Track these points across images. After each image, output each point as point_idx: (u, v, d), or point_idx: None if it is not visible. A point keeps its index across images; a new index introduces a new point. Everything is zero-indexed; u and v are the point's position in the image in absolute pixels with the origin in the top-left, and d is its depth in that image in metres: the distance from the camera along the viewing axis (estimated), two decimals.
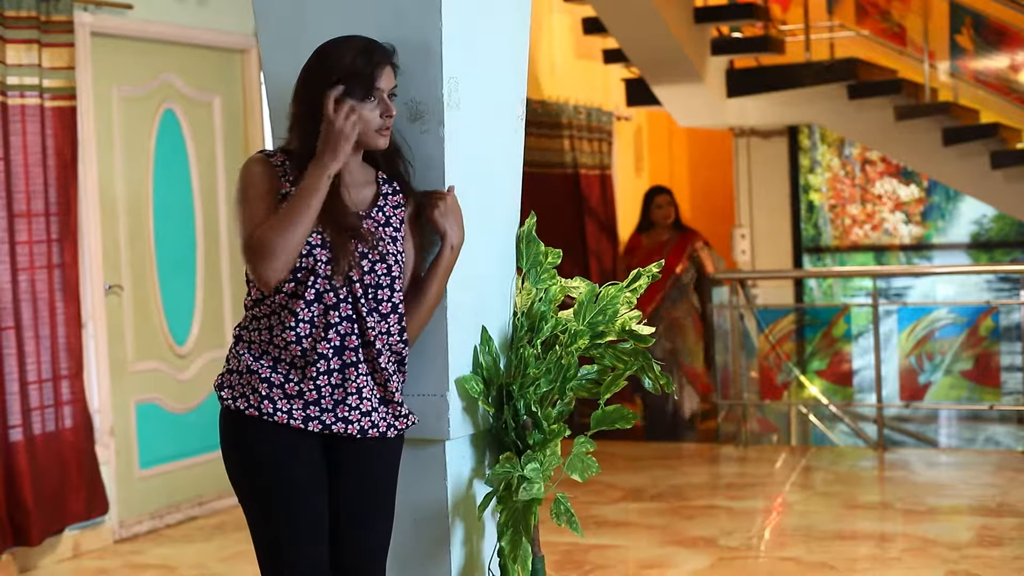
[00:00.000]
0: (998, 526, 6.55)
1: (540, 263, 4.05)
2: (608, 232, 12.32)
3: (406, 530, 3.81)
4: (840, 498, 7.40)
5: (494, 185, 4.00)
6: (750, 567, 6.04)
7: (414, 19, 3.70)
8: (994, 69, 10.80)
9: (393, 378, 3.56)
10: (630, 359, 3.99)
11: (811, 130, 12.32)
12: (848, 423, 10.27)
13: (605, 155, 12.36)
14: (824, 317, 9.94)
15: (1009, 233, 11.90)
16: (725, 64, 10.55)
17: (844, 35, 10.99)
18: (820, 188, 12.46)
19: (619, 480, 7.94)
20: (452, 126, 3.74)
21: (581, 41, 11.54)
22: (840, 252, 12.44)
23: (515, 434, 3.84)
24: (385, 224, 3.56)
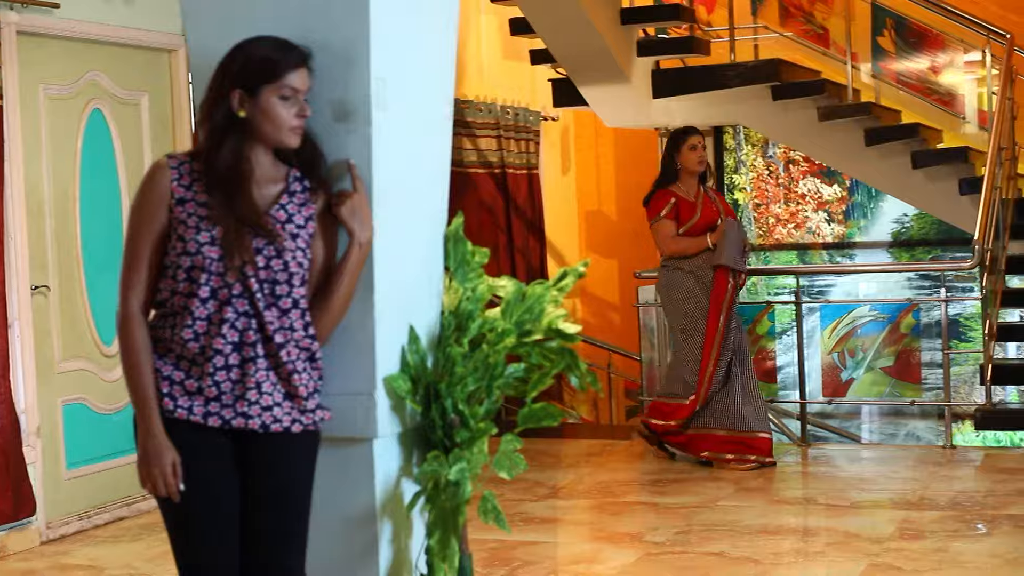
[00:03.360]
0: (919, 519, 6.65)
1: (467, 262, 4.08)
2: (535, 231, 12.38)
3: (333, 530, 3.82)
4: (764, 493, 7.48)
5: (421, 185, 4.02)
6: (676, 562, 6.10)
7: (341, 19, 3.72)
8: (915, 70, 10.94)
9: (298, 374, 3.57)
10: (557, 357, 4.03)
11: (736, 130, 12.43)
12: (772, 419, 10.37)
13: (532, 155, 12.41)
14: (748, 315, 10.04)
15: (929, 232, 12.06)
16: (651, 65, 10.62)
17: (768, 37, 11.09)
18: (745, 187, 12.58)
19: (546, 477, 7.99)
20: (379, 126, 3.76)
21: (508, 42, 11.58)
22: (764, 251, 12.57)
23: (443, 432, 3.87)
24: (287, 221, 3.58)
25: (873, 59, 10.92)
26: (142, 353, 3.53)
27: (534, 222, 12.39)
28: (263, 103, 3.54)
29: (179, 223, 3.52)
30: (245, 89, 3.54)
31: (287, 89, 3.55)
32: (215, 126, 3.55)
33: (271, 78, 3.54)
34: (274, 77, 3.54)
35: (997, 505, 6.86)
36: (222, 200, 3.51)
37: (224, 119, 3.54)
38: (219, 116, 3.55)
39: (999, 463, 7.99)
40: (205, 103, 3.60)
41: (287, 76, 3.55)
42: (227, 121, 3.54)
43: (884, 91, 10.90)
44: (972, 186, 9.68)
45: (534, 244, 12.38)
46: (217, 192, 3.52)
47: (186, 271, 3.51)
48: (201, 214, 3.52)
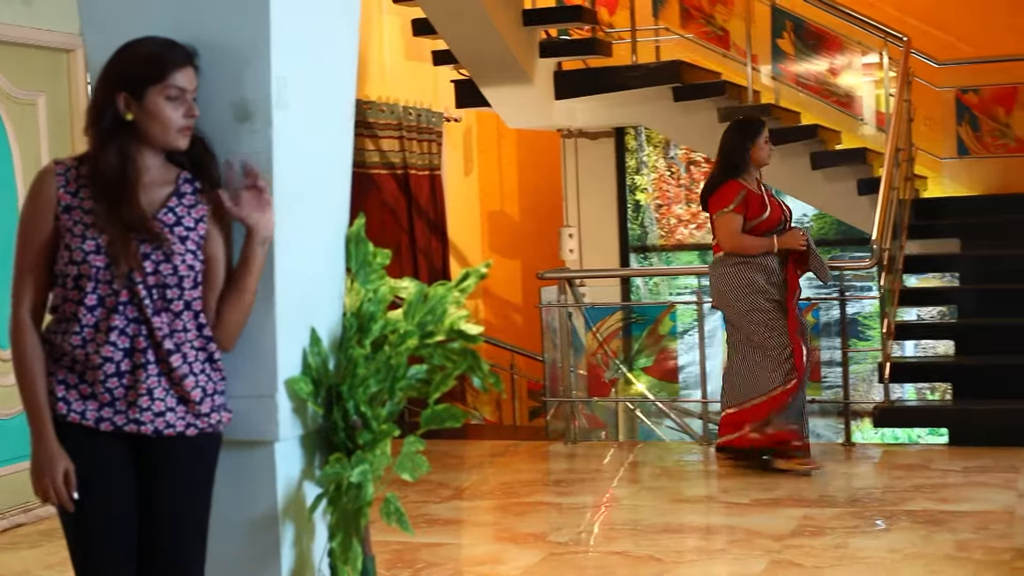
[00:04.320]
0: (819, 516, 6.71)
1: (369, 263, 4.07)
2: (438, 232, 12.37)
3: (235, 533, 3.79)
4: (667, 492, 7.52)
5: (323, 186, 4.00)
6: (579, 562, 6.12)
7: (242, 18, 3.69)
8: (814, 72, 11.06)
9: (193, 376, 3.55)
10: (459, 358, 4.03)
11: (637, 131, 12.49)
12: (674, 418, 10.44)
13: (435, 156, 12.41)
14: (650, 315, 10.09)
15: (829, 232, 12.20)
16: (553, 66, 10.65)
17: (669, 38, 11.17)
18: (646, 188, 12.64)
19: (450, 478, 7.98)
20: (280, 126, 3.73)
21: (411, 42, 11.56)
22: (666, 251, 12.64)
23: (345, 434, 3.86)
24: (176, 224, 3.54)
25: (773, 61, 11.03)
26: (33, 361, 3.49)
27: (436, 223, 12.38)
28: (149, 105, 3.49)
29: (65, 231, 3.48)
30: (130, 91, 3.49)
31: (173, 89, 3.51)
32: (102, 130, 3.50)
33: (157, 79, 3.49)
34: (160, 78, 3.49)
35: (896, 501, 6.95)
36: (107, 206, 3.46)
37: (111, 122, 3.49)
38: (106, 120, 3.50)
39: (897, 459, 8.10)
40: (92, 107, 3.55)
41: (173, 76, 3.50)
42: (114, 124, 3.49)
43: (784, 93, 11.01)
44: (870, 187, 9.80)
45: (436, 245, 12.37)
46: (102, 198, 3.47)
47: (74, 279, 3.48)
48: (87, 221, 3.48)
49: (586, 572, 5.95)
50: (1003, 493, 6.99)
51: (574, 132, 11.78)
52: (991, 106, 10.85)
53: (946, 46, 11.00)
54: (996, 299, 9.43)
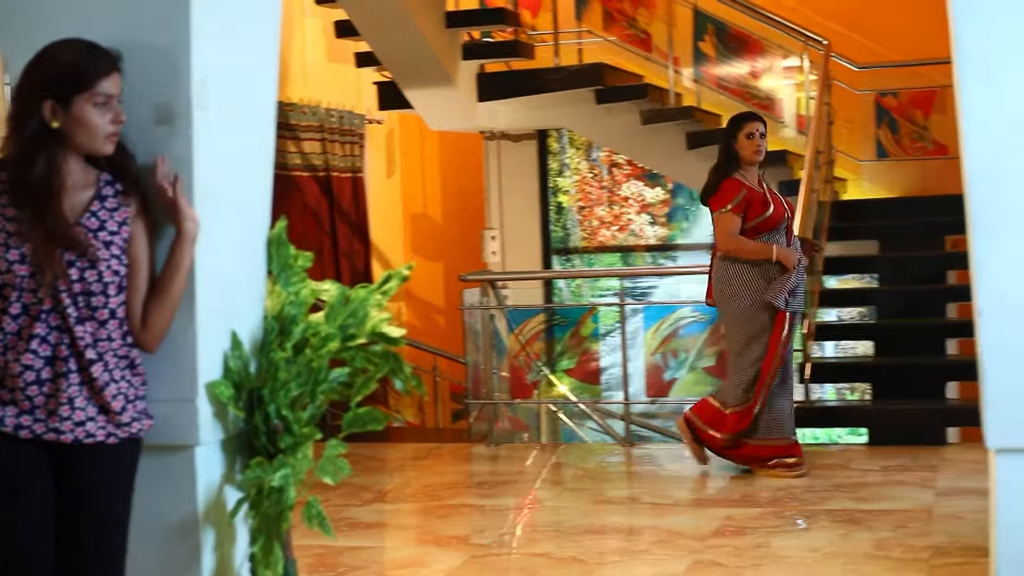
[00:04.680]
0: (741, 516, 6.74)
1: (290, 266, 4.05)
2: (360, 234, 12.34)
3: (155, 538, 3.76)
4: (589, 493, 7.53)
5: (244, 188, 3.98)
6: (502, 564, 6.11)
7: (162, 20, 3.67)
8: (735, 75, 11.13)
9: (115, 383, 3.51)
10: (381, 361, 4.02)
11: (560, 134, 12.52)
12: (596, 420, 10.46)
13: (357, 158, 12.38)
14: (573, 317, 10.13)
15: None
16: (476, 68, 10.65)
17: (592, 41, 11.20)
18: (569, 191, 12.68)
19: (372, 481, 7.95)
20: (201, 128, 3.71)
21: (333, 44, 11.52)
22: (588, 253, 12.67)
23: (266, 438, 3.83)
24: (99, 228, 3.51)
25: (695, 64, 11.09)
26: None
27: (359, 225, 12.35)
28: (77, 112, 3.45)
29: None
30: (57, 99, 3.44)
31: (101, 96, 3.47)
32: (26, 138, 3.44)
33: (84, 86, 3.44)
34: (87, 86, 3.45)
35: (816, 501, 7.00)
36: (32, 215, 3.42)
37: (36, 131, 3.44)
38: (30, 128, 3.44)
39: (818, 459, 8.15)
40: (14, 114, 3.48)
41: (100, 83, 3.46)
42: (39, 132, 3.44)
43: (705, 95, 11.08)
44: (791, 189, 9.86)
45: (359, 247, 12.34)
46: (26, 207, 3.43)
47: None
48: (10, 229, 3.43)
49: (509, 574, 5.95)
50: (921, 492, 7.07)
51: (497, 134, 11.79)
52: (910, 109, 10.97)
53: (866, 50, 11.11)
54: (914, 300, 9.54)
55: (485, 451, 8.99)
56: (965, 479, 7.25)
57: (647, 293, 12.40)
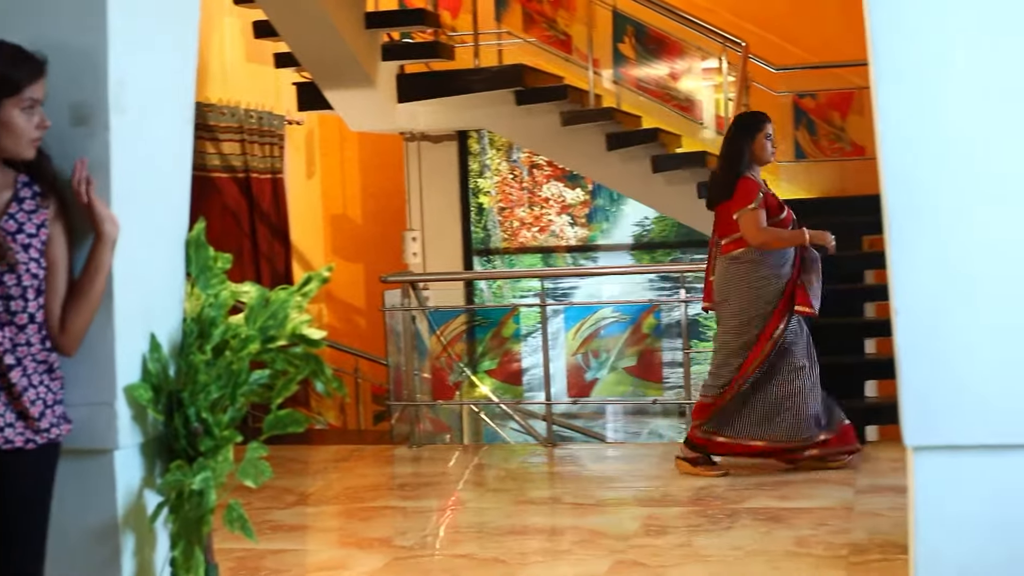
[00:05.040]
0: (663, 515, 6.77)
1: (210, 268, 4.02)
2: (280, 236, 12.28)
3: (75, 543, 3.73)
4: (511, 494, 7.53)
5: (162, 189, 3.95)
6: (425, 565, 6.10)
7: (78, 20, 3.63)
8: (654, 77, 11.18)
9: (33, 388, 3.48)
10: (302, 363, 4.00)
11: (480, 135, 12.53)
12: (518, 421, 10.46)
13: (277, 159, 12.32)
14: (494, 318, 10.13)
15: (670, 234, 12.35)
16: (396, 69, 10.63)
17: (512, 42, 11.21)
18: (489, 192, 12.68)
19: (294, 484, 7.91)
20: (118, 130, 3.68)
21: (252, 44, 11.46)
22: (509, 254, 12.69)
23: (186, 441, 3.80)
24: (17, 231, 3.48)
25: (614, 65, 11.13)
26: None
27: (279, 227, 12.29)
28: (3, 117, 3.42)
29: None
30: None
31: (28, 101, 3.44)
32: None
33: (12, 92, 3.41)
34: (15, 91, 3.42)
35: (737, 499, 7.04)
36: None
37: None
38: None
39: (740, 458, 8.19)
40: None
41: (28, 88, 3.43)
42: None
43: (625, 97, 11.12)
44: None
45: (279, 249, 12.28)
46: None
47: None
48: None
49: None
50: (841, 489, 7.12)
51: (417, 135, 11.78)
52: (827, 111, 11.07)
53: (783, 52, 11.20)
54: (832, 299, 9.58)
55: (407, 453, 8.96)
56: (884, 477, 7.32)
57: (568, 294, 12.43)
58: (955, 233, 3.49)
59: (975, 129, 3.47)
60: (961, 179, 3.49)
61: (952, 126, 3.49)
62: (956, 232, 3.49)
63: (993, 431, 3.52)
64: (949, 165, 3.49)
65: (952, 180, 3.49)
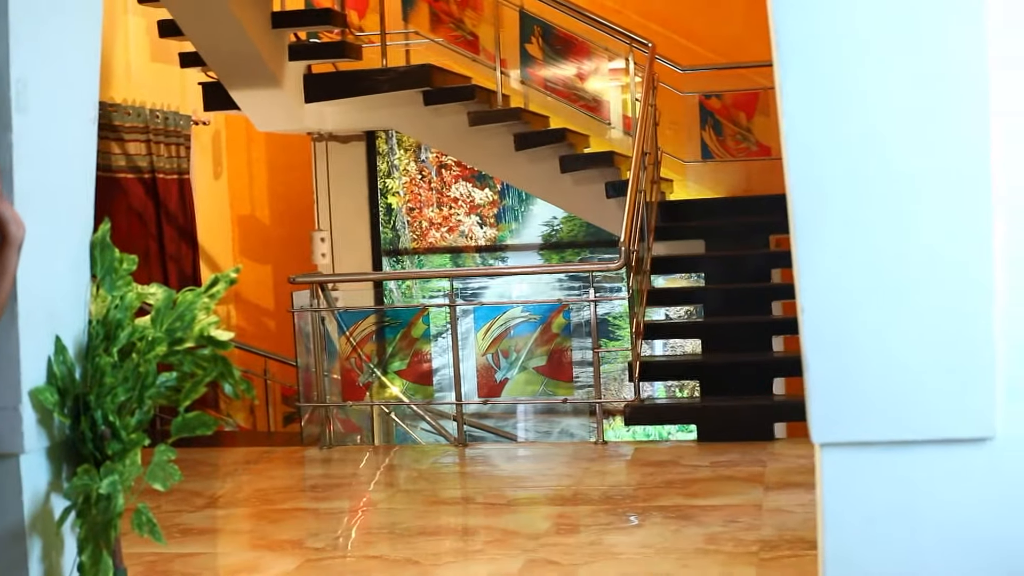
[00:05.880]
0: (574, 514, 6.80)
1: (115, 269, 3.98)
2: (187, 237, 12.19)
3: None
4: (423, 495, 7.53)
5: (66, 190, 3.90)
6: (337, 567, 6.09)
7: None
8: (562, 77, 11.21)
9: None
10: (210, 365, 3.97)
11: (389, 135, 12.51)
12: (429, 421, 10.46)
13: (183, 159, 12.22)
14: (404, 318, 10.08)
15: (578, 234, 12.39)
16: (303, 69, 10.58)
17: (420, 42, 11.21)
18: (398, 192, 12.66)
19: (203, 487, 7.86)
20: (20, 130, 3.63)
21: (157, 44, 11.36)
22: (418, 254, 12.68)
23: (93, 445, 3.76)
24: None
25: (522, 65, 11.16)
26: None
27: (186, 228, 12.19)
28: None
29: None
30: None
31: None
32: None
33: None
34: None
35: (647, 497, 7.08)
36: None
37: None
38: None
39: (648, 456, 8.25)
40: None
41: None
42: None
43: (533, 97, 11.15)
44: (618, 189, 9.99)
45: (186, 250, 12.18)
46: None
47: None
48: None
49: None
50: (750, 486, 7.18)
51: (325, 135, 11.74)
52: (733, 111, 11.16)
53: (690, 52, 11.29)
54: (739, 298, 9.70)
55: (318, 454, 8.93)
56: (792, 473, 7.40)
57: (478, 294, 12.44)
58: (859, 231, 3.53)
59: (879, 128, 3.51)
60: (865, 178, 3.52)
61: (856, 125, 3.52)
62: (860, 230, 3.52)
63: (899, 427, 3.56)
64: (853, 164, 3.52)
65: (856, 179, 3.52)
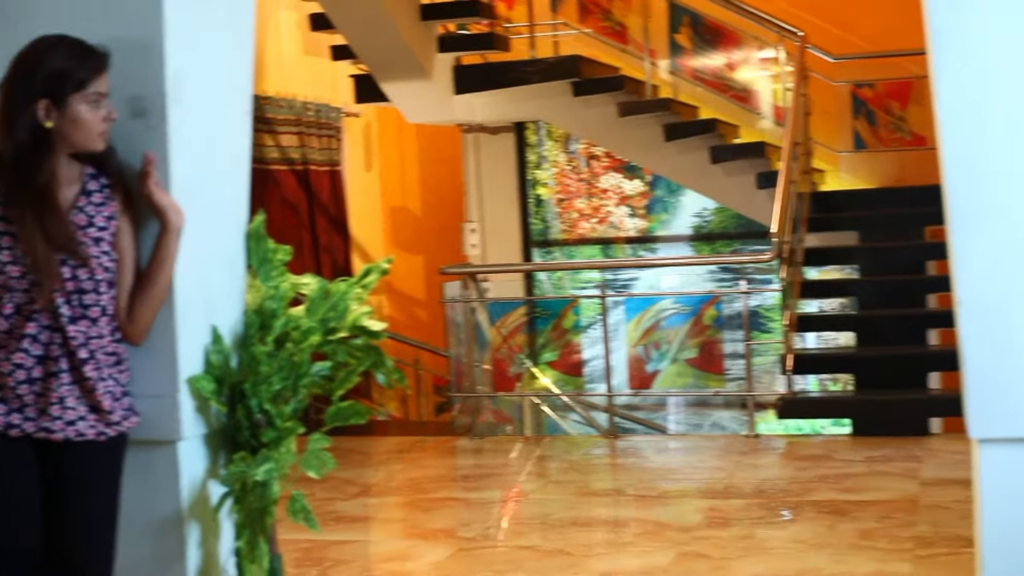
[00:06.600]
0: (725, 507, 6.74)
1: (270, 260, 4.03)
2: (339, 228, 12.31)
3: (140, 534, 3.74)
4: (574, 486, 7.52)
5: (221, 182, 3.96)
6: (488, 557, 6.10)
7: (135, 13, 3.64)
8: (711, 67, 11.13)
9: (103, 381, 3.50)
10: (363, 355, 4.00)
11: (538, 126, 12.51)
12: (580, 412, 10.46)
13: (335, 151, 12.34)
14: (554, 309, 10.09)
15: (729, 225, 12.29)
16: (452, 61, 10.63)
17: (568, 33, 11.19)
18: (547, 183, 12.67)
19: (356, 475, 7.93)
20: (176, 122, 3.68)
21: (309, 37, 11.49)
22: (568, 245, 12.67)
23: (249, 433, 3.82)
24: (88, 225, 3.48)
25: (671, 56, 11.09)
26: None
27: (338, 219, 12.31)
28: (72, 112, 3.42)
29: None
30: (51, 98, 3.40)
31: (94, 95, 3.44)
32: (22, 141, 3.39)
33: (79, 86, 3.42)
34: (82, 85, 3.42)
35: (800, 491, 7.00)
36: (31, 219, 3.38)
37: (29, 131, 3.39)
38: (23, 128, 3.39)
39: (801, 450, 8.16)
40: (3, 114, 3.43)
41: (94, 83, 3.44)
42: (33, 133, 3.40)
43: (682, 87, 11.08)
44: (769, 180, 9.88)
45: (338, 241, 12.31)
46: (25, 210, 3.38)
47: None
48: (1, 229, 3.40)
49: (495, 567, 5.93)
50: (905, 482, 7.07)
51: (474, 127, 11.76)
52: (886, 100, 10.98)
53: (841, 41, 11.12)
54: (895, 290, 9.54)
55: (469, 444, 8.97)
56: (949, 469, 7.26)
57: (628, 285, 12.40)
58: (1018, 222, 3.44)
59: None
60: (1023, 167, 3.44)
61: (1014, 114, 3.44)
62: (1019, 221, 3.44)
63: None
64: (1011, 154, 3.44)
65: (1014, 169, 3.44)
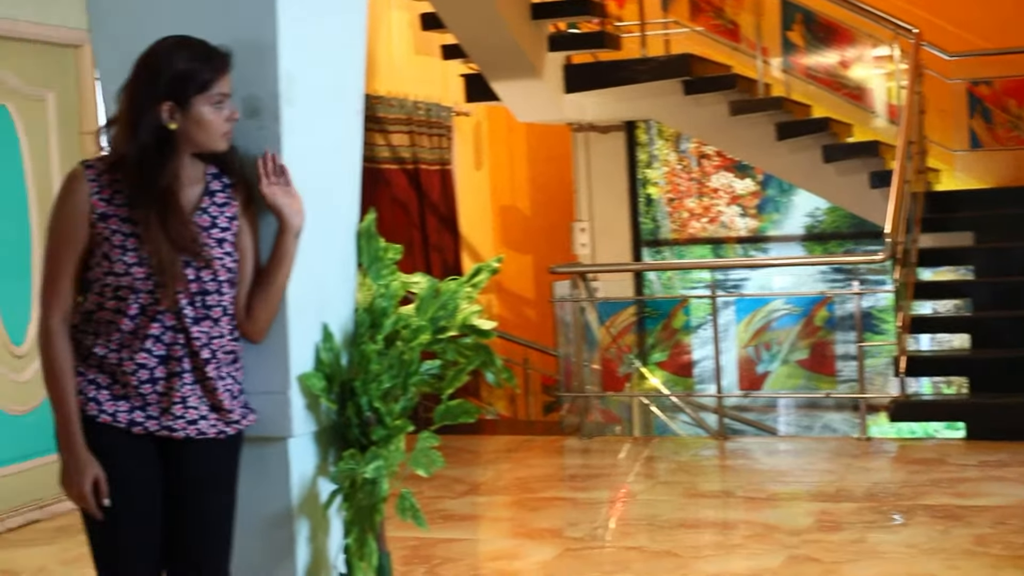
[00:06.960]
0: (836, 511, 6.68)
1: (380, 259, 4.04)
2: (449, 227, 12.35)
3: (250, 529, 3.77)
4: (683, 487, 7.49)
5: (333, 181, 3.97)
6: (596, 557, 6.09)
7: (249, 14, 3.66)
8: (824, 65, 11.02)
9: (222, 380, 3.52)
10: (472, 353, 4.00)
11: (648, 125, 12.46)
12: (689, 413, 10.41)
13: (445, 150, 12.39)
14: (664, 309, 10.04)
15: (841, 225, 12.16)
16: (562, 60, 10.62)
17: (679, 31, 11.12)
18: (658, 182, 12.61)
19: (464, 474, 7.96)
20: (289, 122, 3.70)
21: (419, 36, 11.54)
22: (678, 245, 12.61)
23: (359, 430, 3.83)
24: (211, 227, 3.50)
25: (783, 54, 11.00)
26: (64, 369, 3.44)
27: (448, 218, 12.36)
28: (195, 113, 3.43)
29: (103, 240, 3.42)
30: (175, 100, 3.42)
31: (217, 96, 3.46)
32: (146, 143, 3.40)
33: (202, 88, 3.43)
34: (206, 87, 3.43)
35: (913, 496, 6.91)
36: (155, 221, 3.40)
37: (153, 133, 3.41)
38: (147, 129, 3.41)
39: (914, 454, 8.06)
40: (127, 115, 3.44)
41: (217, 84, 3.46)
42: (157, 135, 3.41)
43: (794, 85, 10.98)
44: (883, 180, 9.75)
45: (448, 240, 12.35)
46: (152, 214, 3.40)
47: (113, 289, 3.42)
48: (126, 231, 3.42)
49: (602, 568, 5.92)
50: (1021, 487, 6.96)
51: (584, 126, 11.74)
52: (1003, 98, 10.80)
53: (956, 38, 10.96)
54: (1011, 292, 9.37)
55: (577, 444, 8.97)
56: None
57: (739, 285, 12.31)
58: None
59: None
60: None
61: None
62: None
63: None
64: None
65: None
